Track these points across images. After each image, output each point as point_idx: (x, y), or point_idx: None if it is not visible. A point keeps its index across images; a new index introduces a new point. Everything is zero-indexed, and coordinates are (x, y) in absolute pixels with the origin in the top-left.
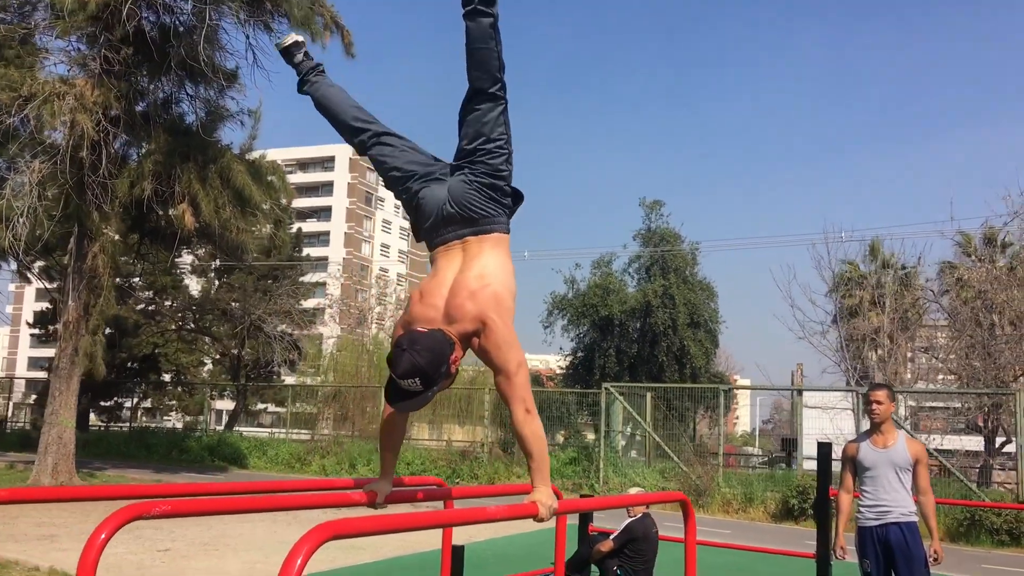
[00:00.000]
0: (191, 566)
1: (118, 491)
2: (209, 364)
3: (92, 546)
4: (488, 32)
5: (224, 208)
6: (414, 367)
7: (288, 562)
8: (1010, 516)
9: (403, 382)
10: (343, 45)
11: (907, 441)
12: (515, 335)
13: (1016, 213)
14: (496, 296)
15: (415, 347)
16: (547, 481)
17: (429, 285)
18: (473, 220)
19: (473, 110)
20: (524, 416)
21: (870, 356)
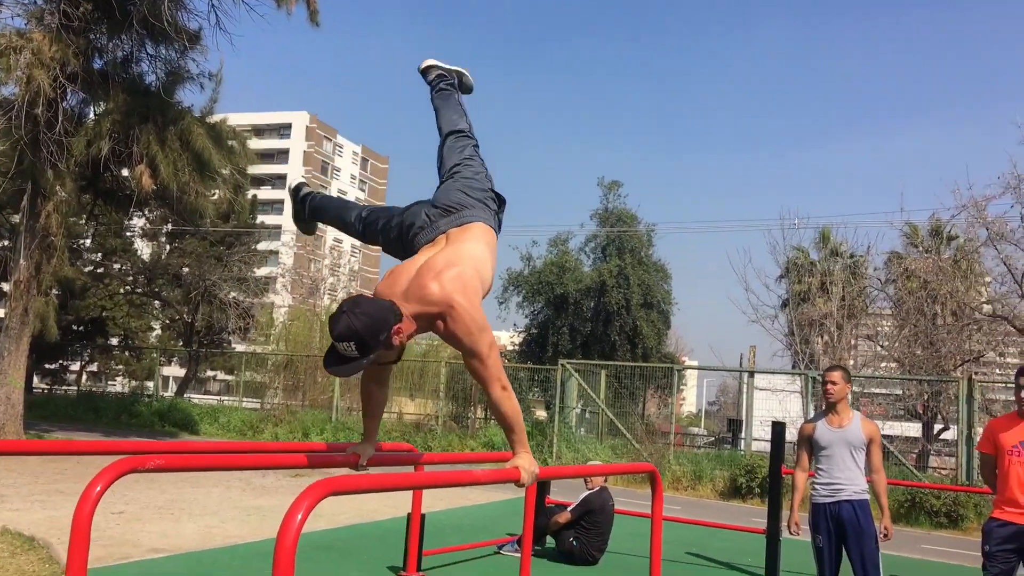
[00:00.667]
0: (146, 529)
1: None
2: (158, 329)
3: (87, 499)
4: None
5: (183, 171)
6: (350, 330)
7: (289, 516)
8: (949, 499)
9: (339, 344)
10: (308, 12)
11: (862, 421)
12: (484, 316)
13: (964, 207)
14: (462, 278)
15: (355, 310)
16: (527, 448)
17: (400, 266)
18: (454, 210)
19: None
20: (501, 394)
21: (816, 342)
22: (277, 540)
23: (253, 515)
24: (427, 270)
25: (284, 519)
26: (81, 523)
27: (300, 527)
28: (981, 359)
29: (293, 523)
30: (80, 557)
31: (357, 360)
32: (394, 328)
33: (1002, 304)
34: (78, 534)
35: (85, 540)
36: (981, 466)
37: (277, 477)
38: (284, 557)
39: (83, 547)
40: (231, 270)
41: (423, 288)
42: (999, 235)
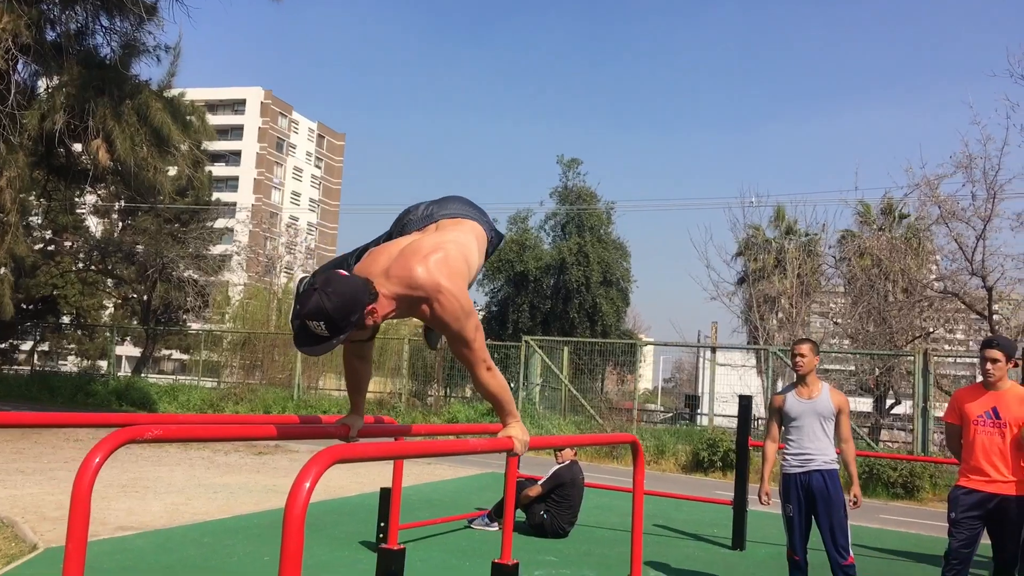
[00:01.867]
0: (112, 507)
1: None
2: (111, 308)
3: (87, 469)
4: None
5: (141, 146)
6: (320, 309)
7: (298, 483)
8: (905, 471)
9: (309, 323)
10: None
11: (831, 392)
12: (470, 301)
13: (916, 185)
14: (448, 261)
15: (327, 288)
16: (518, 418)
17: (382, 246)
18: (451, 210)
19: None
20: (487, 375)
21: (772, 319)
22: (287, 508)
23: (220, 492)
24: (412, 252)
25: (293, 487)
26: (81, 495)
27: (309, 495)
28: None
29: (302, 491)
30: (80, 530)
31: (327, 340)
32: (367, 308)
33: (952, 281)
34: (78, 506)
35: (85, 513)
36: (947, 436)
37: (240, 455)
38: (294, 524)
39: (83, 520)
40: (187, 247)
41: (408, 270)
42: (950, 213)
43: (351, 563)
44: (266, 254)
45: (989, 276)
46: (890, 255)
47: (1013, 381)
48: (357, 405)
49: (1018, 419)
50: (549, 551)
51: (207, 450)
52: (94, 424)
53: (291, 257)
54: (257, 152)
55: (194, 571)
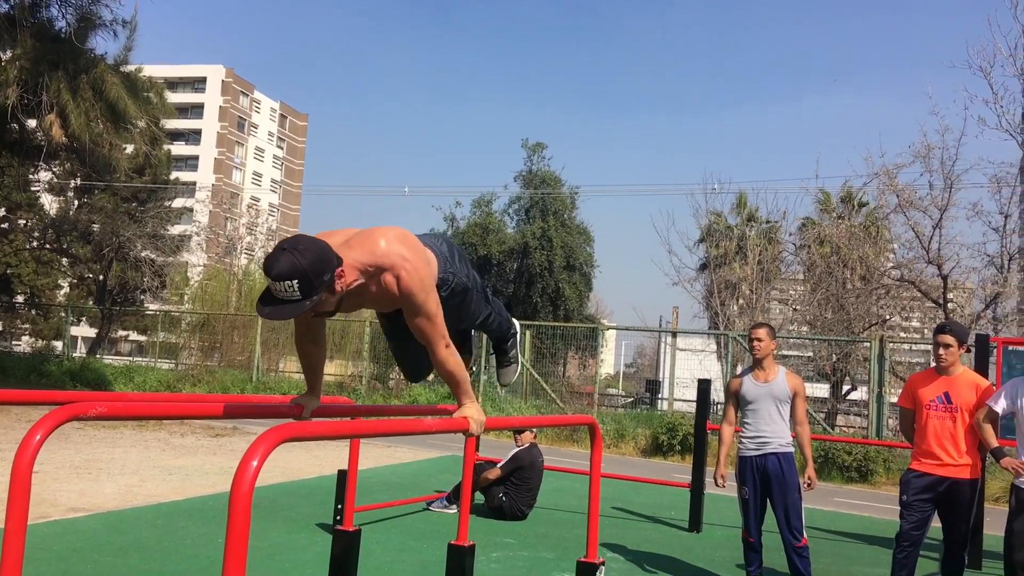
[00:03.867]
0: (64, 488)
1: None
2: (66, 287)
3: (27, 446)
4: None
5: (96, 122)
6: (294, 267)
7: (245, 461)
8: (859, 455)
9: (279, 284)
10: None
11: (786, 375)
12: (431, 277)
13: (875, 174)
14: (408, 238)
15: (297, 247)
16: (473, 399)
17: (335, 231)
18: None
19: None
20: (446, 352)
21: (732, 305)
22: (233, 487)
23: (175, 474)
24: (370, 231)
25: (240, 465)
26: (21, 473)
27: (256, 473)
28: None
29: (249, 469)
30: (20, 509)
31: (299, 302)
32: (337, 271)
33: (909, 269)
34: (18, 484)
35: (26, 491)
36: (900, 420)
37: (197, 437)
38: (240, 503)
39: (23, 498)
40: (144, 227)
41: (371, 242)
42: (908, 202)
43: (307, 545)
44: (226, 235)
45: (945, 264)
46: (849, 243)
47: (965, 367)
48: (313, 386)
49: (969, 404)
50: (507, 533)
51: (163, 432)
52: (36, 402)
53: (252, 238)
54: (218, 131)
55: (147, 553)
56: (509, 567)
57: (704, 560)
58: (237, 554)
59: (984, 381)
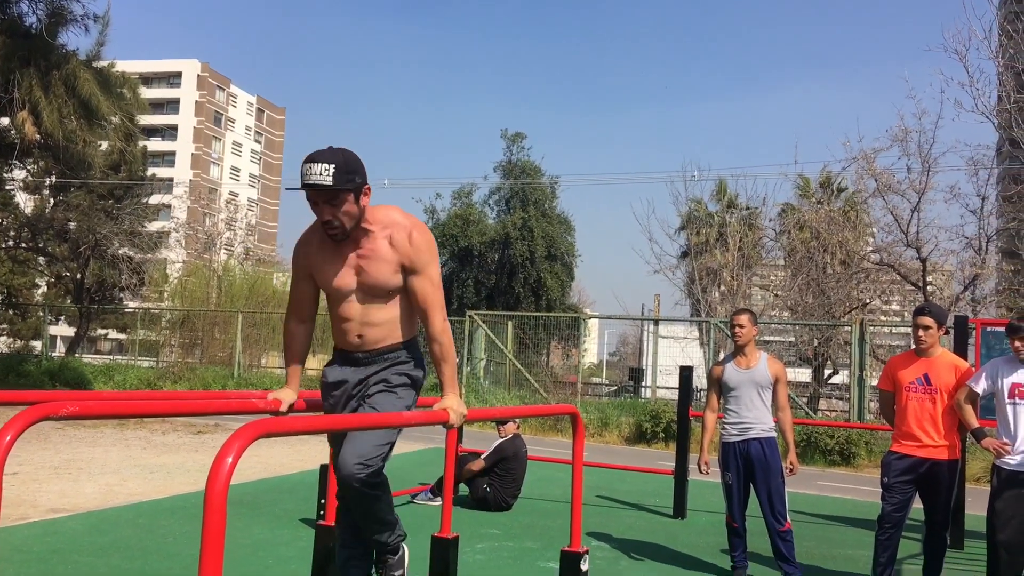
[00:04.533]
0: (44, 489)
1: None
2: (43, 287)
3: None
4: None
5: (69, 118)
6: (333, 155)
7: (219, 459)
8: (842, 438)
9: (315, 166)
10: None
11: (768, 361)
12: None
13: (854, 159)
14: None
15: (340, 149)
16: (456, 390)
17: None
18: None
19: None
20: (443, 325)
21: (714, 292)
22: (207, 485)
23: (156, 472)
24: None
25: (214, 463)
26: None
27: (231, 470)
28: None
29: (223, 466)
30: None
31: (329, 188)
32: (365, 188)
33: (888, 253)
34: None
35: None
36: (880, 403)
37: (179, 435)
38: (216, 501)
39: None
40: (122, 224)
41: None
42: (887, 186)
43: (291, 540)
44: (205, 231)
45: (923, 247)
46: (828, 228)
47: (944, 348)
48: (292, 379)
49: (948, 385)
50: (492, 524)
51: (144, 430)
52: (9, 402)
53: (231, 234)
54: (194, 126)
55: (128, 552)
56: (494, 558)
57: (689, 546)
58: (213, 552)
59: (963, 362)
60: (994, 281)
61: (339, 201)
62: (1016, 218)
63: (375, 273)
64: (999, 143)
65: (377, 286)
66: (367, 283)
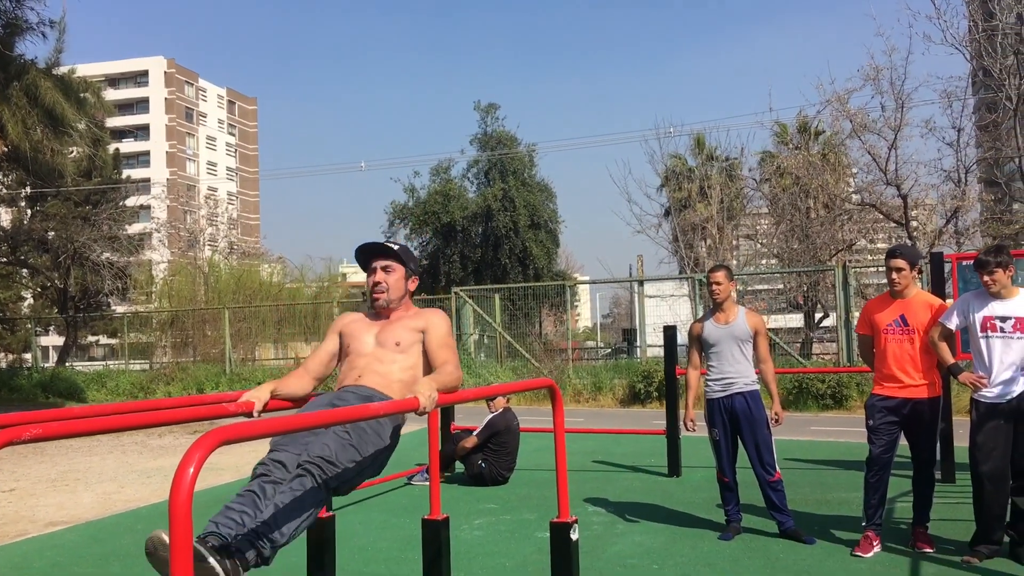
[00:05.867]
0: (41, 503)
1: None
2: (30, 299)
3: None
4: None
5: (34, 129)
6: (400, 245)
7: (181, 471)
8: (833, 381)
9: (386, 241)
10: None
11: (746, 315)
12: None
13: (828, 102)
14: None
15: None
16: (431, 381)
17: None
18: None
19: None
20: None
21: (700, 246)
22: (171, 497)
23: (153, 476)
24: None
25: (176, 474)
26: None
27: (193, 481)
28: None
29: (185, 477)
30: None
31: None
32: (415, 277)
33: (869, 192)
34: None
35: None
36: (859, 347)
37: (175, 436)
38: (179, 512)
39: None
40: (100, 229)
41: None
42: (862, 126)
43: None
44: (187, 228)
45: (903, 184)
46: (808, 172)
47: (919, 288)
48: (272, 383)
49: (924, 324)
50: (490, 499)
51: (140, 434)
52: None
53: (213, 229)
54: (166, 124)
55: (128, 560)
56: (492, 532)
57: (684, 503)
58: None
59: (937, 300)
60: (976, 211)
61: (392, 270)
62: (993, 147)
63: (395, 330)
64: (971, 73)
65: (392, 338)
66: (384, 336)
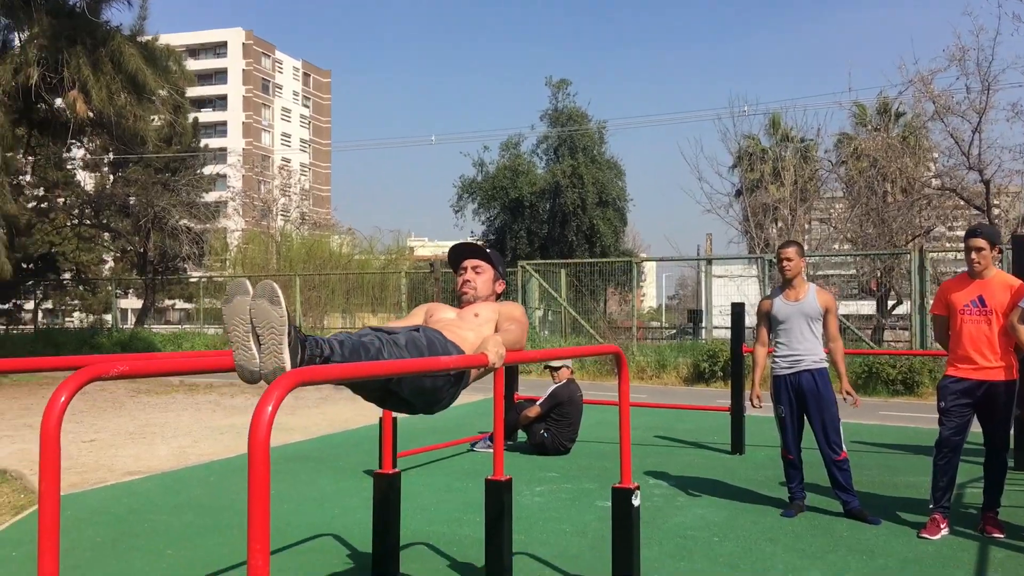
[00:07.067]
0: (120, 454)
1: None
2: (110, 262)
3: (54, 406)
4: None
5: (118, 94)
6: (490, 248)
7: (259, 409)
8: (904, 367)
9: (478, 242)
10: None
11: (817, 292)
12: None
13: (910, 82)
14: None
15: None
16: (498, 337)
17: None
18: None
19: None
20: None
21: (771, 228)
22: (250, 434)
23: (226, 433)
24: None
25: (255, 412)
26: (49, 432)
27: (271, 419)
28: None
29: (264, 415)
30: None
31: (484, 252)
32: (502, 279)
33: (950, 177)
34: (47, 443)
35: (55, 449)
36: (935, 328)
37: (246, 397)
38: (259, 450)
39: (54, 456)
40: (179, 196)
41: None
42: (946, 108)
43: (355, 491)
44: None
45: (986, 169)
46: (887, 155)
47: (998, 269)
48: None
49: (1003, 306)
50: (551, 468)
51: (213, 393)
52: (58, 368)
53: (286, 199)
54: (243, 95)
55: (201, 510)
56: (553, 499)
57: (746, 480)
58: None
59: (1016, 281)
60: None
61: (483, 270)
62: None
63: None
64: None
65: (472, 310)
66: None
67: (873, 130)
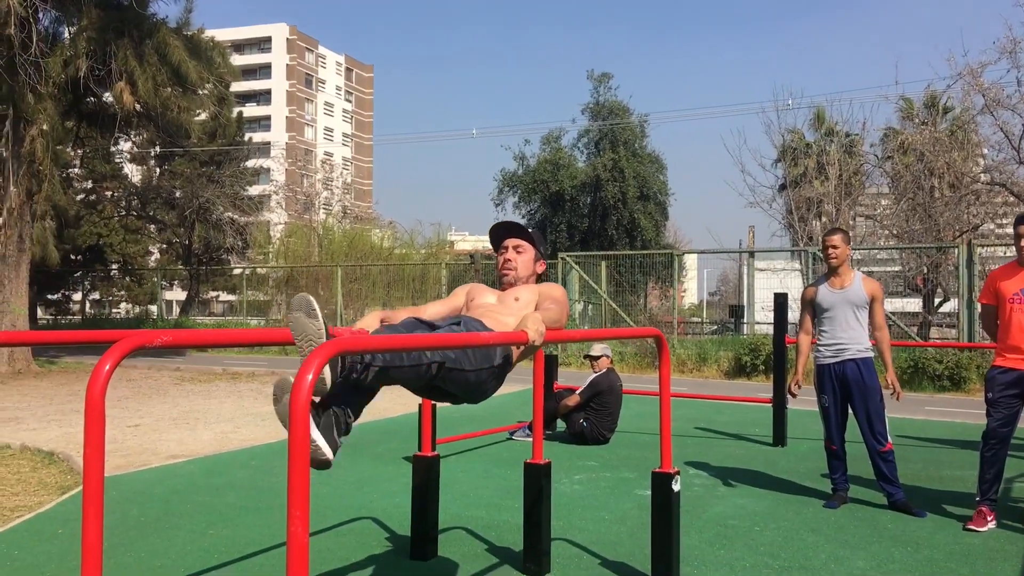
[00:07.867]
0: (163, 438)
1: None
2: (156, 253)
3: (98, 375)
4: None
5: (163, 86)
6: (532, 227)
7: (300, 376)
8: (951, 362)
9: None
10: None
11: (863, 280)
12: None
13: (959, 75)
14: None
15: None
16: (536, 315)
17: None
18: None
19: None
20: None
21: (814, 223)
22: (291, 398)
23: (268, 419)
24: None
25: (296, 378)
26: (94, 401)
27: (312, 385)
28: (979, 229)
29: (305, 381)
30: (97, 435)
31: (526, 231)
32: (543, 258)
33: (1000, 172)
34: (92, 412)
35: (100, 418)
36: (983, 318)
37: None
38: (299, 414)
39: (99, 425)
40: (223, 188)
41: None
42: (996, 101)
43: (394, 476)
44: (303, 192)
45: None
46: (934, 149)
47: None
48: (384, 312)
49: None
50: (590, 457)
51: (255, 382)
52: (103, 340)
53: (328, 193)
54: (287, 89)
55: (242, 491)
56: (592, 487)
57: (788, 472)
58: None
59: None
60: None
61: (524, 250)
62: None
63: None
64: None
65: (513, 294)
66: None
67: (920, 124)
